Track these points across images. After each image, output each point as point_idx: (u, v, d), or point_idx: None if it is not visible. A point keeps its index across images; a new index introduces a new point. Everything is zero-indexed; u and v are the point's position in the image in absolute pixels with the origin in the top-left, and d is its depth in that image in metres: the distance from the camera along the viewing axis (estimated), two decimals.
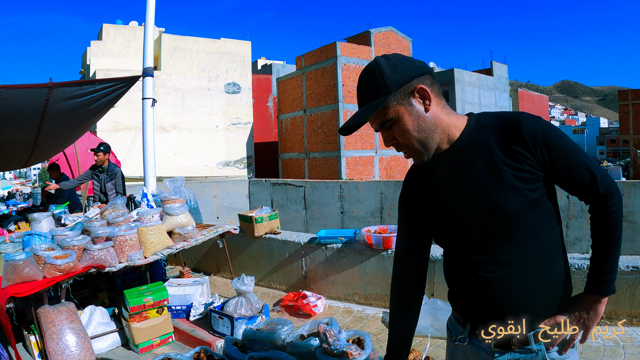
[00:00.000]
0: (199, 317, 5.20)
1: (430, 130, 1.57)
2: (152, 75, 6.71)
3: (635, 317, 4.43)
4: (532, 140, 1.52)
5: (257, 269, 6.80)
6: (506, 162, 1.54)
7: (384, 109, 1.54)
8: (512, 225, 1.55)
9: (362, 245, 5.74)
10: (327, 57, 27.68)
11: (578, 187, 1.60)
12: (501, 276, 1.60)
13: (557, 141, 1.54)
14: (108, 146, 7.93)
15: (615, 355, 3.93)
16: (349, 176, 26.61)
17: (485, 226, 1.59)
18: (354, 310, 5.56)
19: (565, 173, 1.56)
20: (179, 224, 5.55)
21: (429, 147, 1.59)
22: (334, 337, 3.21)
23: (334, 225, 13.05)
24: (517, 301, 1.59)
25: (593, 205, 1.62)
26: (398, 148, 1.62)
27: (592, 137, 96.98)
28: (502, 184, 1.54)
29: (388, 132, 1.59)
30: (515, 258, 1.58)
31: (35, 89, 5.20)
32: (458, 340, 1.78)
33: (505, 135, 1.55)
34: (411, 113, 1.55)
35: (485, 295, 1.63)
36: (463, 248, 1.68)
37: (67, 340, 4.29)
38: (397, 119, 1.55)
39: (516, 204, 1.53)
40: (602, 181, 1.57)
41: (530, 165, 1.53)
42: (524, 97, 54.40)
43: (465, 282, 1.71)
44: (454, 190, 1.65)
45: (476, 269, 1.64)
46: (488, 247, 1.61)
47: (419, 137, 1.56)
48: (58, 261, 4.45)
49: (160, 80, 26.29)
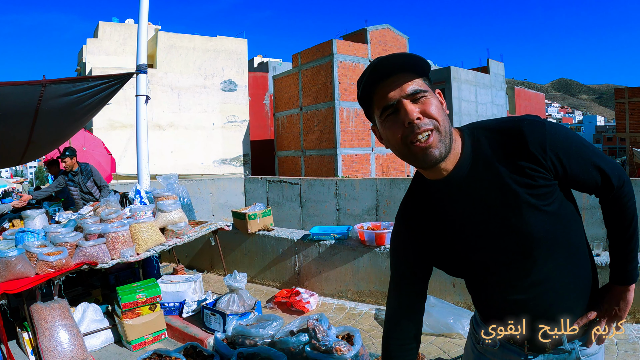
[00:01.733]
0: (192, 313, 5.21)
1: (450, 128, 1.43)
2: (146, 72, 6.71)
3: (630, 314, 4.44)
4: (541, 151, 1.40)
5: (251, 266, 6.81)
6: (518, 182, 1.42)
7: (421, 79, 1.41)
8: (537, 245, 1.46)
9: (355, 242, 5.75)
10: (324, 55, 27.66)
11: (591, 187, 1.53)
12: (534, 296, 1.52)
13: (566, 144, 1.43)
14: (73, 150, 7.88)
15: (608, 352, 3.94)
16: (345, 174, 26.61)
17: (508, 252, 1.49)
18: (347, 307, 5.57)
19: (579, 178, 1.48)
20: (172, 220, 5.55)
21: (447, 141, 1.41)
22: (323, 333, 3.22)
23: (330, 222, 13.07)
24: (554, 312, 1.53)
25: (606, 198, 1.56)
26: (418, 130, 1.36)
27: (588, 135, 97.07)
28: (519, 206, 1.43)
29: (416, 104, 1.38)
30: (544, 275, 1.50)
31: (29, 86, 5.18)
32: (489, 345, 1.69)
33: (510, 152, 1.43)
34: (439, 100, 1.44)
35: (521, 314, 1.55)
36: (486, 277, 1.59)
37: (60, 337, 4.29)
38: (430, 94, 1.40)
39: (539, 223, 1.43)
40: (614, 174, 1.50)
41: (543, 179, 1.42)
42: (521, 95, 54.47)
43: (497, 305, 1.62)
44: (465, 221, 1.52)
45: (505, 294, 1.56)
46: (514, 271, 1.52)
47: (445, 122, 1.40)
48: (50, 258, 4.45)
49: (157, 78, 26.27)
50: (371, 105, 1.48)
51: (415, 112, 1.36)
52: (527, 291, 1.52)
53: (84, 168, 7.65)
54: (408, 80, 1.38)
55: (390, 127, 1.42)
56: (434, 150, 1.39)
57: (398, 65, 1.38)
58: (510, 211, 1.44)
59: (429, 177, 1.54)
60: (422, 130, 1.37)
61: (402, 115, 1.38)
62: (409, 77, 1.39)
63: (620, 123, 37.73)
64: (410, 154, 1.42)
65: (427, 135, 1.37)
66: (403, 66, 1.38)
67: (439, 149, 1.39)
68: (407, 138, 1.39)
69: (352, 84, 27.44)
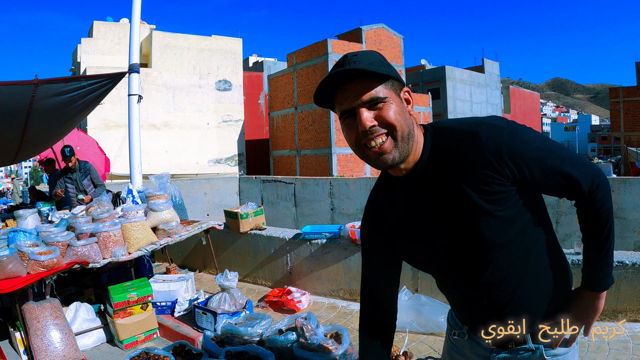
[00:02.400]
0: (184, 313, 5.22)
1: (410, 132, 1.44)
2: (138, 71, 6.72)
3: (621, 312, 4.47)
4: (497, 157, 1.40)
5: (243, 265, 6.82)
6: (473, 187, 1.42)
7: (382, 85, 1.41)
8: (492, 249, 1.48)
9: (346, 241, 5.77)
10: (318, 54, 27.69)
11: (559, 191, 1.51)
12: (493, 297, 1.55)
13: (526, 151, 1.41)
14: (71, 147, 7.89)
15: (599, 350, 3.97)
16: (340, 173, 26.64)
17: (464, 254, 1.52)
18: (339, 306, 5.59)
19: (541, 182, 1.46)
20: (163, 219, 5.56)
21: (404, 147, 1.44)
22: (311, 332, 3.25)
23: (324, 222, 13.10)
24: (514, 310, 1.55)
25: (579, 202, 1.54)
26: (371, 136, 1.40)
27: (583, 135, 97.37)
28: (473, 211, 1.44)
29: (372, 111, 1.40)
30: (502, 275, 1.52)
31: (21, 85, 5.19)
32: (458, 335, 1.75)
33: (466, 157, 1.43)
34: (400, 105, 1.44)
35: (482, 312, 1.60)
36: (447, 275, 1.64)
37: (52, 337, 4.30)
38: (388, 101, 1.40)
39: (492, 228, 1.45)
40: (584, 179, 1.46)
41: (498, 185, 1.42)
42: (516, 94, 54.60)
43: (459, 301, 1.69)
44: (423, 220, 1.56)
45: (466, 293, 1.60)
46: (472, 272, 1.55)
47: (403, 128, 1.41)
48: (42, 257, 4.46)
49: (151, 78, 26.25)
50: (333, 108, 1.50)
51: (368, 121, 1.39)
52: (485, 293, 1.55)
53: (82, 166, 7.65)
54: (367, 87, 1.40)
55: (347, 130, 1.46)
56: (387, 155, 1.43)
57: (357, 72, 1.39)
58: (464, 215, 1.46)
59: (391, 172, 1.58)
60: (374, 135, 1.40)
61: (357, 121, 1.41)
62: (367, 84, 1.40)
63: (614, 122, 37.83)
64: (365, 156, 1.46)
65: (382, 142, 1.41)
66: (363, 72, 1.39)
67: (392, 155, 1.43)
68: (361, 142, 1.43)
69: None
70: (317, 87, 1.45)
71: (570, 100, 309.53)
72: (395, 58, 30.77)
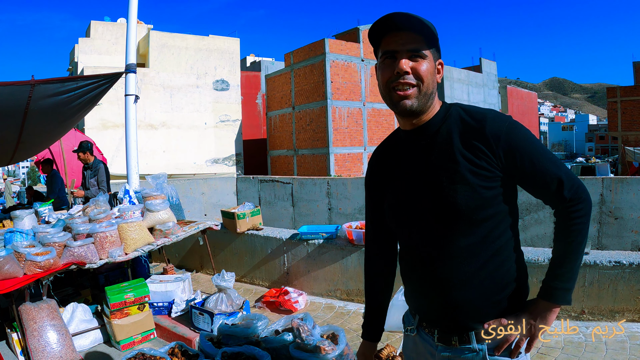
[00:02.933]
0: (181, 313, 5.22)
1: (432, 92, 1.61)
2: (135, 71, 6.70)
3: (618, 312, 4.48)
4: (495, 138, 1.52)
5: (240, 265, 6.83)
6: (464, 155, 1.54)
7: (426, 46, 1.59)
8: (460, 219, 1.55)
9: (343, 241, 5.78)
10: (316, 54, 27.64)
11: (543, 190, 1.59)
12: (445, 270, 1.59)
13: (522, 142, 1.53)
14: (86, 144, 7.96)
15: (597, 350, 3.98)
16: (338, 173, 26.62)
17: (434, 216, 1.59)
18: (336, 306, 5.60)
19: (529, 176, 1.56)
20: (160, 220, 5.56)
21: (423, 102, 1.60)
22: (308, 333, 3.25)
23: (322, 222, 13.10)
24: (457, 297, 1.58)
25: (557, 209, 1.60)
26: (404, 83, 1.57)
27: (581, 134, 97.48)
28: (455, 176, 1.54)
29: (410, 61, 1.57)
30: (460, 253, 1.57)
31: (17, 86, 5.18)
32: (409, 331, 1.81)
33: (469, 129, 1.56)
34: (433, 68, 1.61)
35: (429, 288, 1.64)
36: (411, 237, 1.70)
37: (49, 338, 4.30)
38: (426, 59, 1.58)
39: (466, 199, 1.52)
40: (569, 185, 1.54)
41: (488, 163, 1.53)
42: (513, 94, 54.58)
43: (412, 275, 1.74)
44: (410, 176, 1.67)
45: (422, 261, 1.65)
46: (435, 238, 1.61)
47: (428, 84, 1.58)
48: (38, 258, 4.46)
49: (149, 78, 26.23)
50: (378, 47, 1.65)
51: (405, 66, 1.56)
52: (440, 264, 1.61)
53: (94, 165, 7.77)
54: (415, 41, 1.57)
55: (383, 70, 1.62)
56: (408, 101, 1.58)
57: (415, 26, 1.55)
58: (448, 180, 1.56)
59: (401, 126, 1.73)
60: (404, 81, 1.57)
61: (395, 63, 1.57)
62: (417, 39, 1.57)
63: (612, 122, 37.87)
64: (390, 97, 1.62)
65: (408, 88, 1.58)
66: (417, 28, 1.55)
67: (412, 102, 1.58)
68: (391, 83, 1.59)
69: (345, 83, 27.46)
70: (377, 20, 1.59)
71: (567, 100, 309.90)
72: None
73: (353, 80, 28.05)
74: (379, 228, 1.92)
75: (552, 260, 1.62)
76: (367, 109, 28.70)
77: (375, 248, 1.96)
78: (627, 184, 9.41)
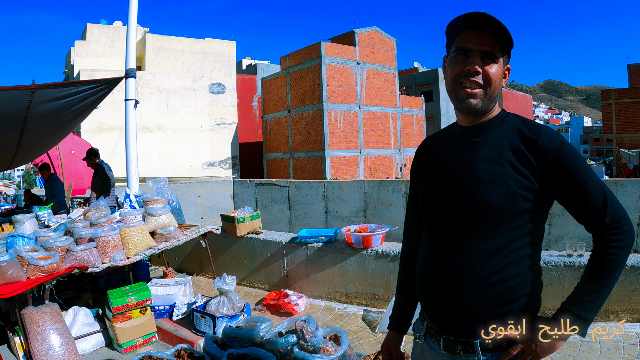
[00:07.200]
0: (182, 316, 5.25)
1: (497, 95, 1.64)
2: (135, 76, 6.74)
3: (612, 312, 4.53)
4: (545, 150, 1.55)
5: (240, 269, 6.86)
6: (511, 161, 1.57)
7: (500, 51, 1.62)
8: (489, 219, 1.56)
9: (342, 245, 5.82)
10: (312, 57, 27.69)
11: (584, 212, 1.57)
12: (459, 267, 1.60)
13: (571, 160, 1.54)
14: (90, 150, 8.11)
15: (591, 350, 4.02)
16: (334, 176, 26.66)
17: (466, 210, 1.61)
18: (335, 309, 5.64)
19: (573, 194, 1.55)
20: (161, 224, 5.59)
21: (487, 103, 1.63)
22: (311, 334, 3.30)
23: (318, 225, 13.12)
24: (466, 297, 1.58)
25: (596, 236, 1.57)
26: (472, 81, 1.61)
27: (576, 136, 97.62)
28: (497, 178, 1.57)
29: (480, 62, 1.60)
30: (478, 253, 1.58)
31: (18, 90, 5.21)
32: (417, 338, 1.82)
33: (522, 138, 1.59)
34: (501, 73, 1.64)
35: (442, 282, 1.64)
36: (437, 227, 1.72)
37: (51, 341, 4.32)
38: (498, 63, 1.61)
39: (501, 202, 1.54)
40: (612, 213, 1.52)
41: (531, 173, 1.55)
42: (508, 96, 54.69)
43: (427, 266, 1.73)
44: (453, 167, 1.69)
45: (441, 253, 1.67)
46: (459, 233, 1.63)
47: (494, 88, 1.62)
48: (41, 262, 4.48)
49: (145, 81, 26.23)
50: (452, 40, 1.68)
51: (477, 66, 1.59)
52: (461, 257, 1.61)
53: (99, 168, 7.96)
54: (491, 43, 1.59)
55: (453, 64, 1.65)
56: (473, 100, 1.62)
57: (494, 29, 1.57)
58: (489, 175, 1.59)
59: (459, 121, 1.76)
60: (473, 80, 1.60)
61: (468, 61, 1.61)
62: (493, 42, 1.59)
63: (607, 124, 37.99)
64: (456, 92, 1.65)
65: (475, 87, 1.61)
66: (495, 32, 1.58)
67: (477, 102, 1.62)
68: (459, 78, 1.63)
69: (340, 86, 27.52)
70: (460, 16, 1.63)
71: (562, 102, 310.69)
72: (388, 61, 30.84)
73: (349, 83, 28.11)
74: (419, 217, 1.89)
75: (579, 284, 1.58)
76: (362, 112, 28.75)
77: (414, 237, 1.96)
78: (621, 186, 9.49)
